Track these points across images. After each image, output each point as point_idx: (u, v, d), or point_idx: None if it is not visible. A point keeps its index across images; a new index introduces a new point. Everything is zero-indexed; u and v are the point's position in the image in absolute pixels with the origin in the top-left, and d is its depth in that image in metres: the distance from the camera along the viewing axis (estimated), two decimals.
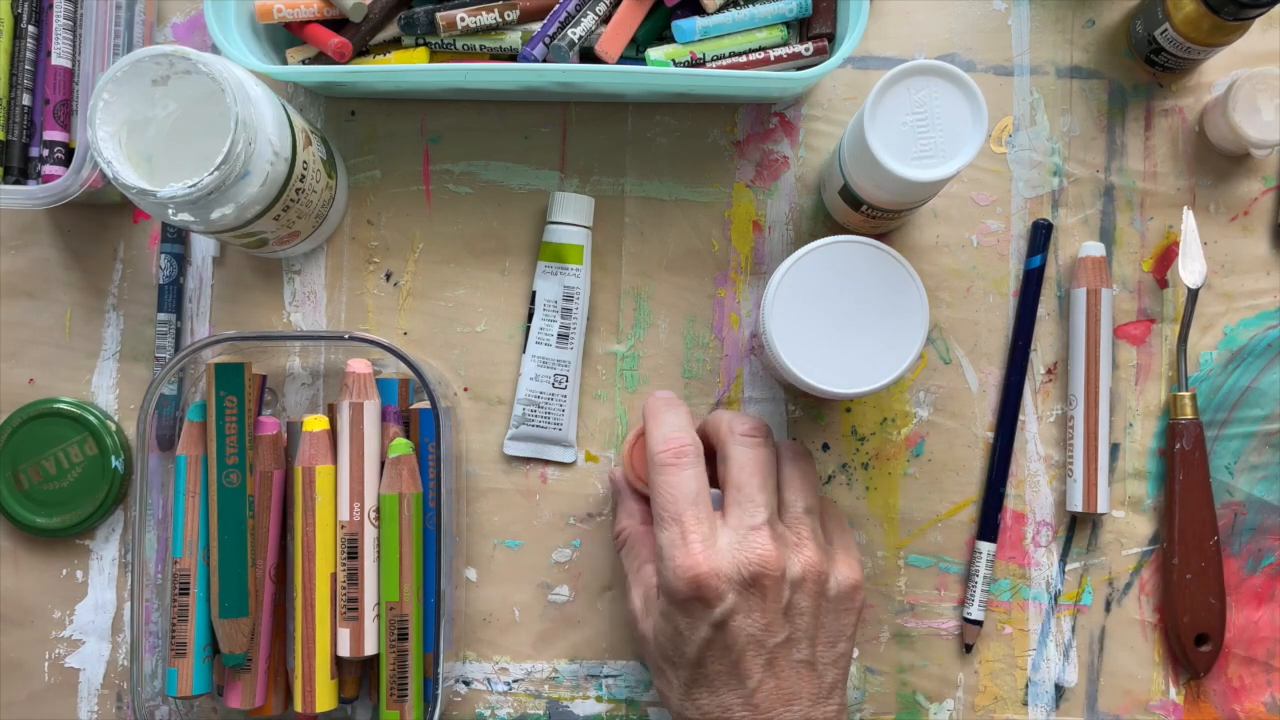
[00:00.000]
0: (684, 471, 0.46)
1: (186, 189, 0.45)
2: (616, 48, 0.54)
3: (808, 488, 0.49)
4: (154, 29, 0.59)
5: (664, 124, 0.59)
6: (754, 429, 0.49)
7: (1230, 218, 0.59)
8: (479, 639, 0.58)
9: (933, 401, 0.58)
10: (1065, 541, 0.58)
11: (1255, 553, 0.58)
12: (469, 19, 0.54)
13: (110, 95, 0.46)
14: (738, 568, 0.45)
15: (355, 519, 0.52)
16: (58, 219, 0.59)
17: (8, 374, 0.58)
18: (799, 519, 0.48)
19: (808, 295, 0.49)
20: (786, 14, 0.56)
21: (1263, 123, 0.55)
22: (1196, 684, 0.57)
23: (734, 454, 0.48)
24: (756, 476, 0.47)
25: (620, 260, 0.59)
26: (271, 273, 0.59)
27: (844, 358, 0.49)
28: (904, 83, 0.47)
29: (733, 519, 0.46)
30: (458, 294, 0.59)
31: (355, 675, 0.55)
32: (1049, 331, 0.58)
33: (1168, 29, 0.54)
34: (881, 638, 0.58)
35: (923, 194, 0.50)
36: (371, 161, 0.59)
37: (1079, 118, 0.59)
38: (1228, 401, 0.58)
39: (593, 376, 0.58)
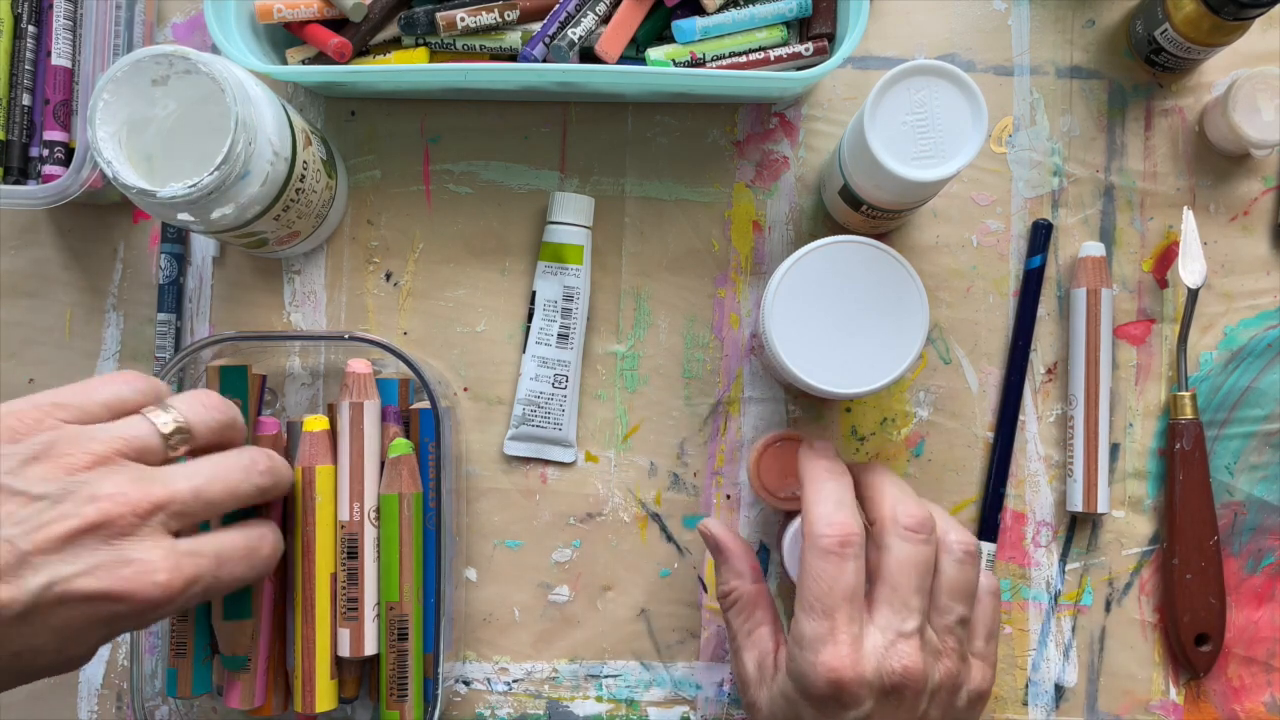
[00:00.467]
0: (846, 565, 0.43)
1: (186, 189, 0.45)
2: (616, 48, 0.54)
3: (967, 595, 0.45)
4: (154, 29, 0.59)
5: (664, 124, 0.59)
6: (920, 524, 0.45)
7: (1230, 218, 0.59)
8: (479, 639, 0.58)
9: (933, 401, 0.58)
10: (1065, 541, 0.58)
11: (1255, 553, 0.58)
12: (469, 19, 0.54)
13: (110, 95, 0.46)
14: (881, 676, 0.42)
15: (355, 519, 0.52)
16: (58, 219, 0.59)
17: (8, 374, 0.58)
18: (950, 630, 0.45)
19: (808, 295, 0.49)
20: (786, 14, 0.56)
21: (1263, 123, 0.55)
22: (1196, 684, 0.57)
23: (894, 548, 0.44)
24: (914, 578, 0.44)
25: (620, 260, 0.59)
26: (271, 273, 0.59)
27: (844, 358, 0.49)
28: (904, 83, 0.47)
29: (882, 618, 0.43)
30: (458, 294, 0.59)
31: (355, 675, 0.55)
32: (1049, 331, 0.58)
33: (1168, 29, 0.54)
34: None
35: (923, 194, 0.50)
36: (371, 161, 0.59)
37: (1079, 118, 0.59)
38: (1228, 401, 0.58)
39: (593, 376, 0.58)
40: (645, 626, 0.58)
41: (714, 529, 0.51)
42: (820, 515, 0.44)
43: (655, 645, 0.58)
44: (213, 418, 0.44)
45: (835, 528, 0.43)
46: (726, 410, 0.58)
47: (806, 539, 0.44)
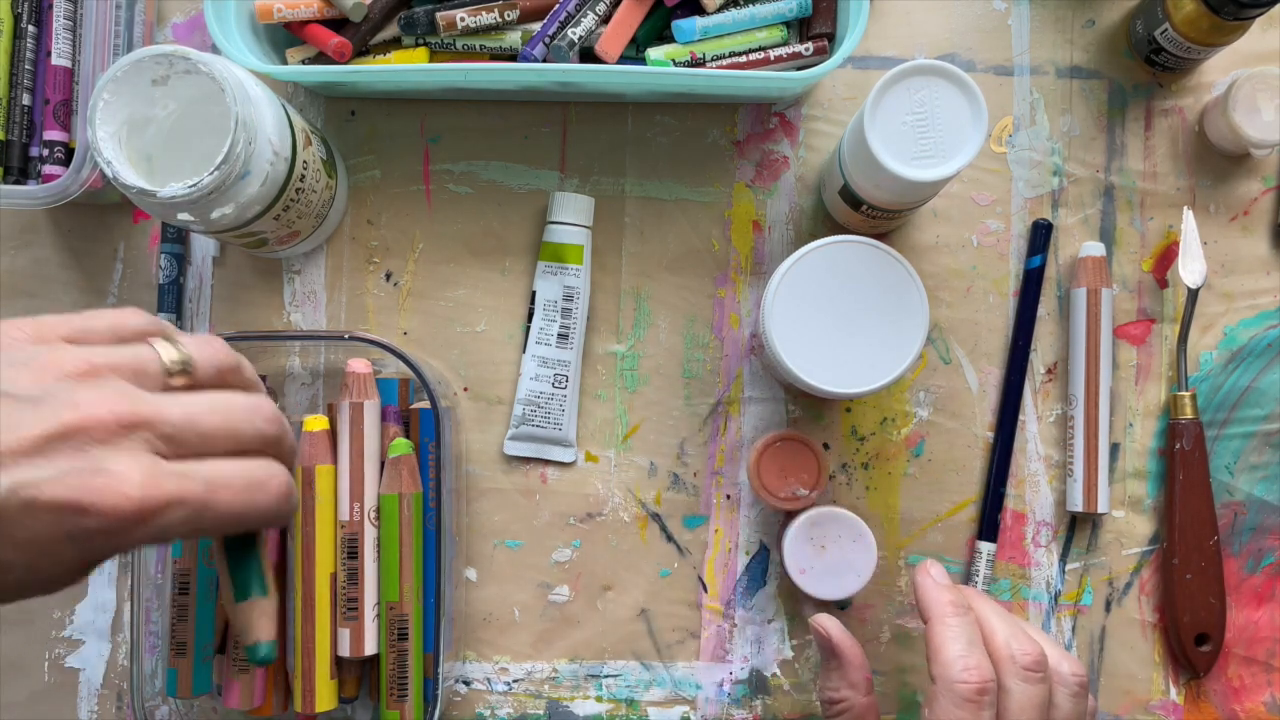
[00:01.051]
0: (983, 714, 0.42)
1: (187, 189, 0.45)
2: (616, 48, 0.54)
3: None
4: (154, 29, 0.59)
5: (664, 124, 0.59)
6: (1037, 662, 0.44)
7: (1230, 218, 0.59)
8: (479, 639, 0.58)
9: (933, 401, 0.58)
10: (1065, 541, 0.58)
11: (1255, 552, 0.58)
12: (469, 19, 0.54)
13: (110, 95, 0.46)
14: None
15: (355, 519, 0.52)
16: (58, 219, 0.59)
17: None
18: None
19: (808, 295, 0.49)
20: (786, 14, 0.56)
21: (1263, 123, 0.55)
22: (1196, 684, 0.57)
23: (1015, 690, 0.44)
24: (1037, 718, 0.44)
25: (620, 260, 0.59)
26: (271, 273, 0.59)
27: (844, 358, 0.49)
28: (904, 83, 0.47)
29: None
30: (458, 294, 0.59)
31: (355, 675, 0.55)
32: (1049, 331, 0.58)
33: (1168, 29, 0.54)
34: (882, 638, 0.58)
35: (923, 194, 0.50)
36: (371, 161, 0.59)
37: (1079, 118, 0.59)
38: (1228, 401, 0.58)
39: (593, 376, 0.58)
40: (645, 626, 0.58)
41: (831, 629, 0.49)
42: (954, 657, 0.43)
43: (655, 645, 0.58)
44: (219, 358, 0.40)
45: (973, 674, 0.42)
46: (726, 410, 0.58)
47: (939, 681, 0.43)
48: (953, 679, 0.43)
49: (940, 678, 0.43)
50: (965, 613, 0.45)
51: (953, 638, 0.44)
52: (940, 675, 0.43)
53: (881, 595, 0.58)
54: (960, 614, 0.45)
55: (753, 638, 0.58)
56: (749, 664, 0.58)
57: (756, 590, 0.58)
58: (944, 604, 0.45)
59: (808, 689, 0.57)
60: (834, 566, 0.53)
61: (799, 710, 0.58)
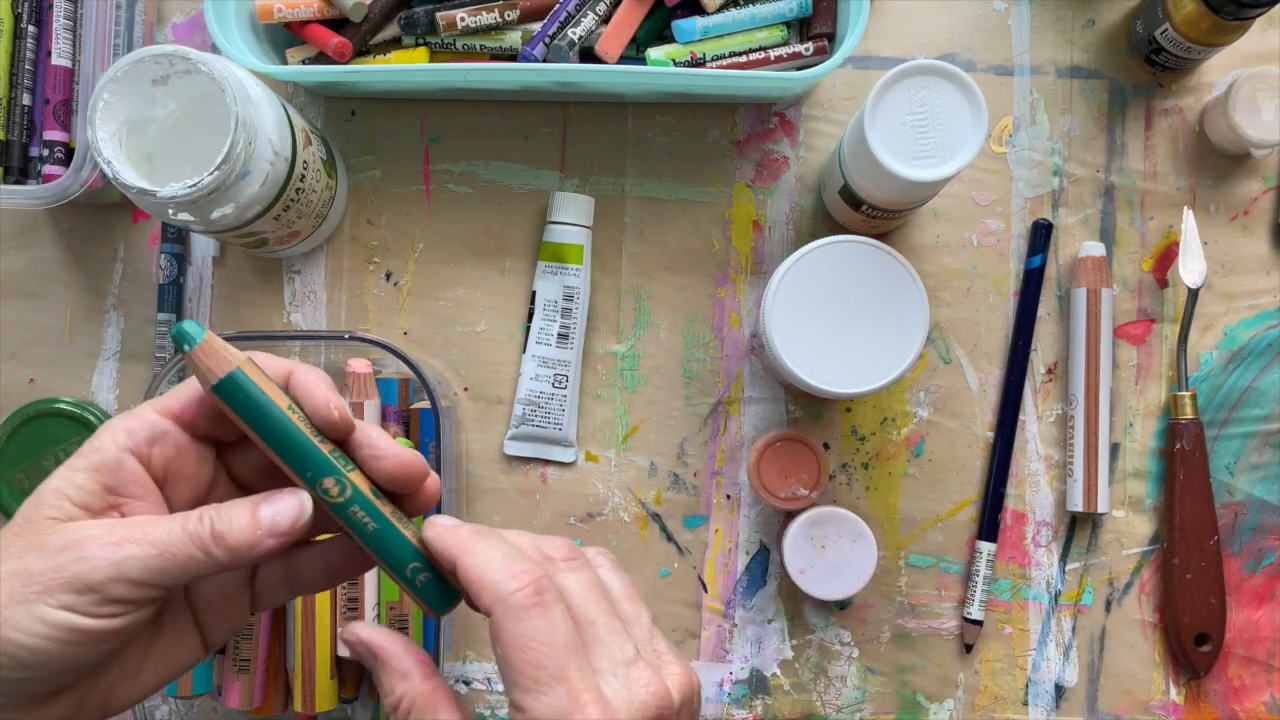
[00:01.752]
0: (553, 611, 0.34)
1: (187, 189, 0.45)
2: (616, 48, 0.54)
3: (637, 597, 0.39)
4: (154, 29, 0.59)
5: (664, 124, 0.59)
6: (571, 549, 0.38)
7: (1230, 217, 0.59)
8: (479, 639, 0.58)
9: (933, 401, 0.58)
10: (1065, 541, 0.58)
11: (1255, 552, 0.58)
12: (469, 19, 0.54)
13: (110, 95, 0.46)
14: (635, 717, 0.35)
15: None
16: (58, 219, 0.59)
17: (8, 374, 0.58)
18: (650, 634, 0.38)
19: (808, 295, 0.49)
20: (786, 14, 0.56)
21: (1263, 122, 0.55)
22: (1197, 684, 0.57)
23: (569, 583, 0.37)
24: (601, 603, 0.37)
25: (620, 260, 0.59)
26: (271, 273, 0.59)
27: (844, 357, 0.49)
28: (904, 83, 0.47)
29: (601, 660, 0.36)
30: (458, 294, 0.59)
31: (355, 675, 0.55)
32: (1049, 331, 0.58)
33: (1168, 29, 0.54)
34: (882, 638, 0.58)
35: (923, 194, 0.50)
36: (371, 161, 0.59)
37: (1079, 118, 0.59)
38: (1228, 401, 0.58)
39: (593, 376, 0.58)
40: None
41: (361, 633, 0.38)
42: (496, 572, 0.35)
43: None
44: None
45: (520, 576, 0.34)
46: (726, 410, 0.58)
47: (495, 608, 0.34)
48: (504, 593, 0.34)
49: (494, 602, 0.34)
50: (487, 534, 0.37)
51: (487, 558, 0.35)
52: (492, 600, 0.34)
53: (881, 595, 0.58)
54: (484, 536, 0.36)
55: (753, 638, 0.58)
56: (749, 664, 0.58)
57: (756, 590, 0.58)
58: (464, 535, 0.36)
59: (808, 689, 0.57)
60: (834, 566, 0.53)
61: (799, 710, 0.58)
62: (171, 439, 0.34)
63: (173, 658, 0.35)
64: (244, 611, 0.37)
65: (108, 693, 0.34)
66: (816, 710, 0.57)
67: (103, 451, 0.33)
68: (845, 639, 0.58)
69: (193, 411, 0.35)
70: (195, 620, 0.36)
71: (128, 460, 0.33)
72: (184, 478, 0.35)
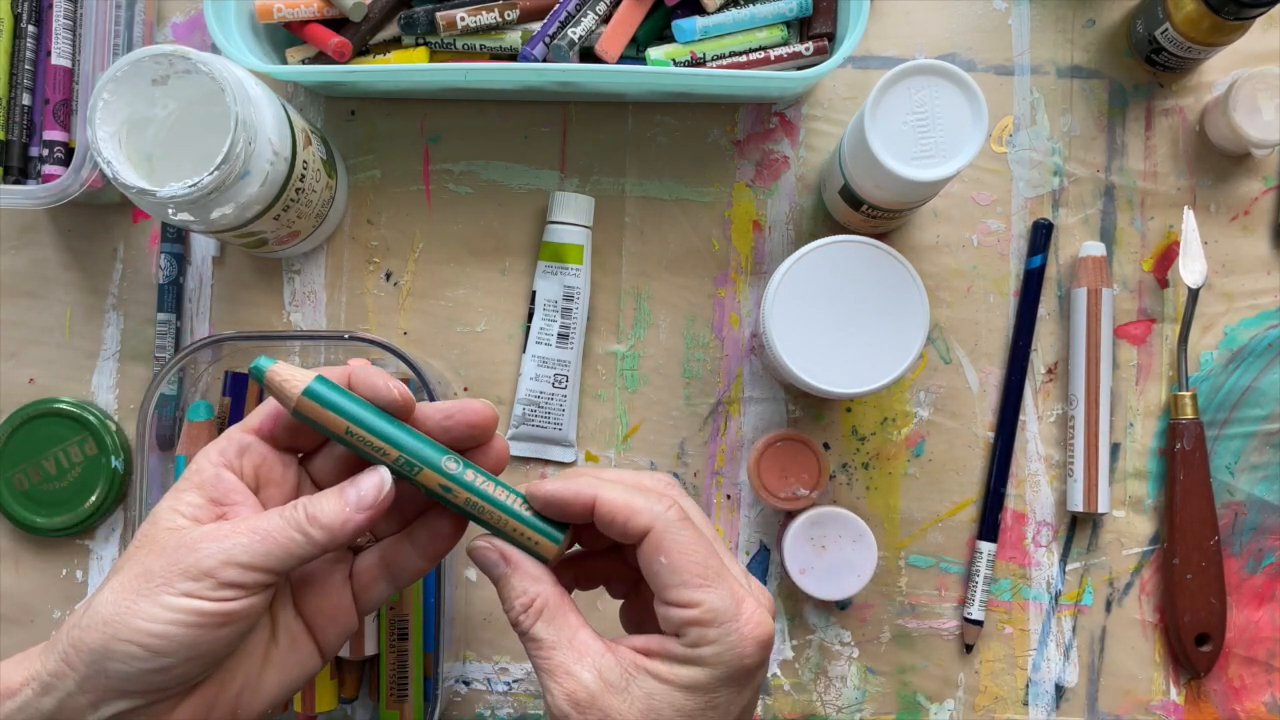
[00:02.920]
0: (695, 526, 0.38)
1: (186, 189, 0.45)
2: (616, 47, 0.54)
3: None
4: (154, 29, 0.59)
5: (664, 124, 0.59)
6: (669, 482, 0.41)
7: (1230, 217, 0.59)
8: (479, 639, 0.58)
9: (933, 401, 0.58)
10: (1066, 541, 0.58)
11: (1256, 552, 0.58)
12: (469, 19, 0.54)
13: (110, 95, 0.46)
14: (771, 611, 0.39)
15: None
16: (58, 219, 0.59)
17: (8, 374, 0.58)
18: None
19: (808, 295, 0.49)
20: (787, 14, 0.56)
21: (1263, 122, 0.55)
22: (1197, 684, 0.57)
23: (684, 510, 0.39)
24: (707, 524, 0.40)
25: (620, 260, 0.59)
26: (271, 273, 0.59)
27: (844, 357, 0.49)
28: (904, 82, 0.47)
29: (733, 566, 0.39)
30: (458, 294, 0.59)
31: (355, 675, 0.55)
32: (1049, 331, 0.58)
33: (1168, 28, 0.54)
34: (882, 638, 0.58)
35: (923, 194, 0.50)
36: (371, 161, 0.59)
37: (1079, 117, 0.59)
38: (1228, 401, 0.58)
39: (593, 376, 0.58)
40: None
41: (497, 543, 0.40)
42: (641, 499, 0.38)
43: None
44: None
45: (664, 498, 0.38)
46: (726, 410, 0.58)
47: (654, 523, 0.37)
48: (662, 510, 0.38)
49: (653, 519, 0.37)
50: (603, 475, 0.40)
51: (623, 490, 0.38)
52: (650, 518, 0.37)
53: (881, 595, 0.58)
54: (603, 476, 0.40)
55: None
56: None
57: None
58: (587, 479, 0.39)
59: (808, 689, 0.57)
60: (834, 566, 0.53)
61: (799, 710, 0.57)
62: (256, 450, 0.38)
63: (291, 666, 0.38)
64: (351, 615, 0.40)
65: (235, 701, 0.37)
66: (816, 710, 0.57)
67: (202, 471, 0.37)
68: (845, 639, 0.58)
69: (270, 425, 0.39)
70: (308, 629, 0.39)
71: (224, 474, 0.37)
72: (273, 483, 0.39)
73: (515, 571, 0.39)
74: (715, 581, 0.37)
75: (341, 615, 0.40)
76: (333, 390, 0.38)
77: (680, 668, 0.37)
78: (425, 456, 0.38)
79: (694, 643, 0.37)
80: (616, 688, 0.37)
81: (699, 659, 0.37)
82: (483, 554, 0.39)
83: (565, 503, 0.39)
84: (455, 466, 0.38)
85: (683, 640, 0.37)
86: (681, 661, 0.37)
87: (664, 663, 0.37)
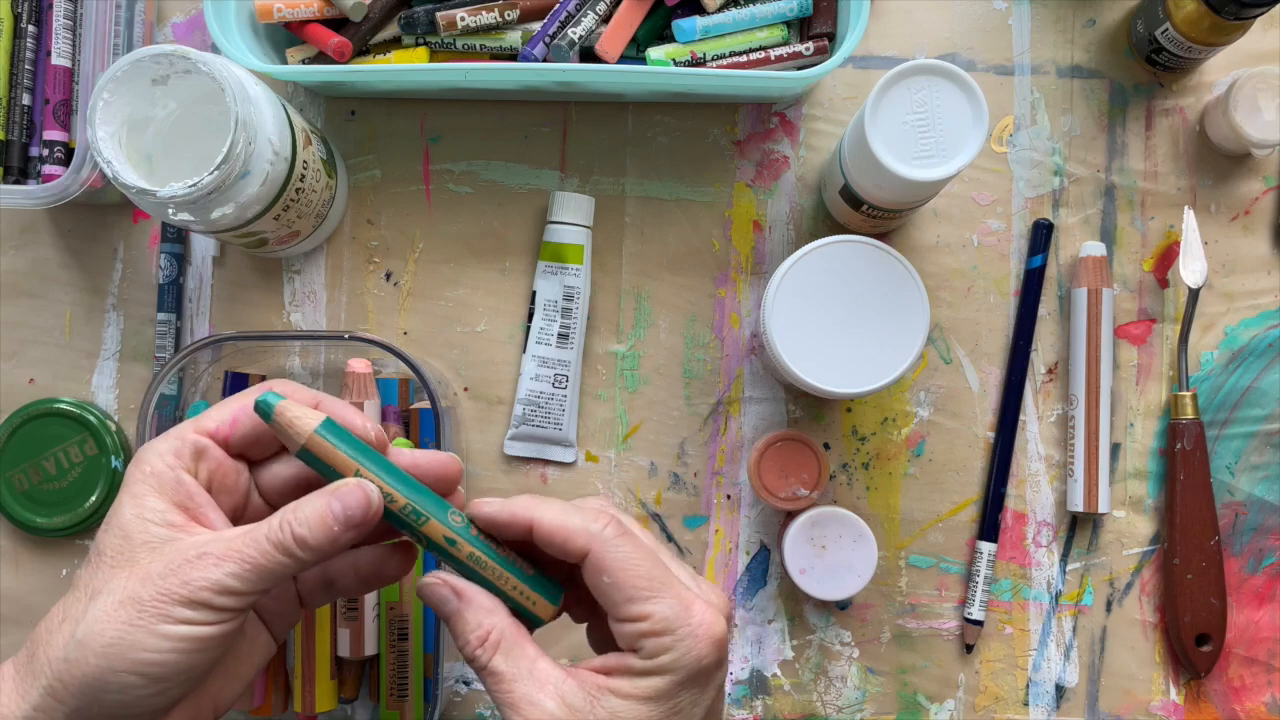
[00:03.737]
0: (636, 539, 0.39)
1: (186, 189, 0.45)
2: (617, 47, 0.54)
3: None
4: (154, 29, 0.59)
5: (664, 124, 0.59)
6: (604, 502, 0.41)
7: (1231, 217, 0.59)
8: None
9: (933, 401, 0.58)
10: (1066, 541, 0.58)
11: (1256, 553, 0.58)
12: (469, 18, 0.54)
13: (110, 95, 0.46)
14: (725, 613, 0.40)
15: None
16: (58, 219, 0.59)
17: (8, 374, 0.58)
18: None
19: (808, 295, 0.49)
20: (787, 13, 0.56)
21: (1263, 122, 0.55)
22: (1197, 684, 0.57)
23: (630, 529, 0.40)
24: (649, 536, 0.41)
25: (620, 260, 0.59)
26: (271, 273, 0.59)
27: (844, 357, 0.49)
28: (904, 82, 0.47)
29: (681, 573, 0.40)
30: (458, 294, 0.59)
31: (355, 675, 0.55)
32: (1050, 331, 0.58)
33: (1168, 28, 0.54)
34: (882, 638, 0.57)
35: (923, 194, 0.50)
36: (371, 161, 0.59)
37: (1080, 117, 0.59)
38: (1229, 401, 0.58)
39: (593, 376, 0.58)
40: None
41: (441, 576, 0.40)
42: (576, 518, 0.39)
43: None
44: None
45: (600, 516, 0.39)
46: (727, 410, 0.58)
47: (591, 543, 0.38)
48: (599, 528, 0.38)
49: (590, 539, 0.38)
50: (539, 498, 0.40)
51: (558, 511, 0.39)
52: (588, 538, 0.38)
53: (882, 595, 0.58)
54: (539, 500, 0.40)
55: (753, 638, 0.58)
56: (749, 664, 0.58)
57: (757, 590, 0.58)
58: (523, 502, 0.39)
59: (808, 689, 0.57)
60: (834, 566, 0.53)
61: (799, 711, 0.57)
62: (213, 455, 0.38)
63: (255, 655, 0.40)
64: (298, 610, 0.42)
65: (216, 695, 0.38)
66: (817, 711, 0.57)
67: (160, 475, 0.37)
68: (845, 639, 0.58)
69: (226, 432, 0.39)
70: (262, 620, 0.40)
71: (184, 477, 0.37)
72: (225, 489, 0.39)
73: (468, 606, 0.39)
74: (661, 590, 0.37)
75: (291, 611, 0.41)
76: (340, 434, 0.38)
77: (641, 680, 0.37)
78: (431, 509, 0.38)
79: (651, 653, 0.37)
80: (581, 711, 0.37)
81: (658, 668, 0.37)
82: (433, 590, 0.39)
83: (504, 524, 0.39)
84: (459, 521, 0.39)
85: (640, 654, 0.37)
86: (641, 674, 0.37)
87: (625, 678, 0.37)
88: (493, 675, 0.38)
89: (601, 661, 0.39)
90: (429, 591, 0.39)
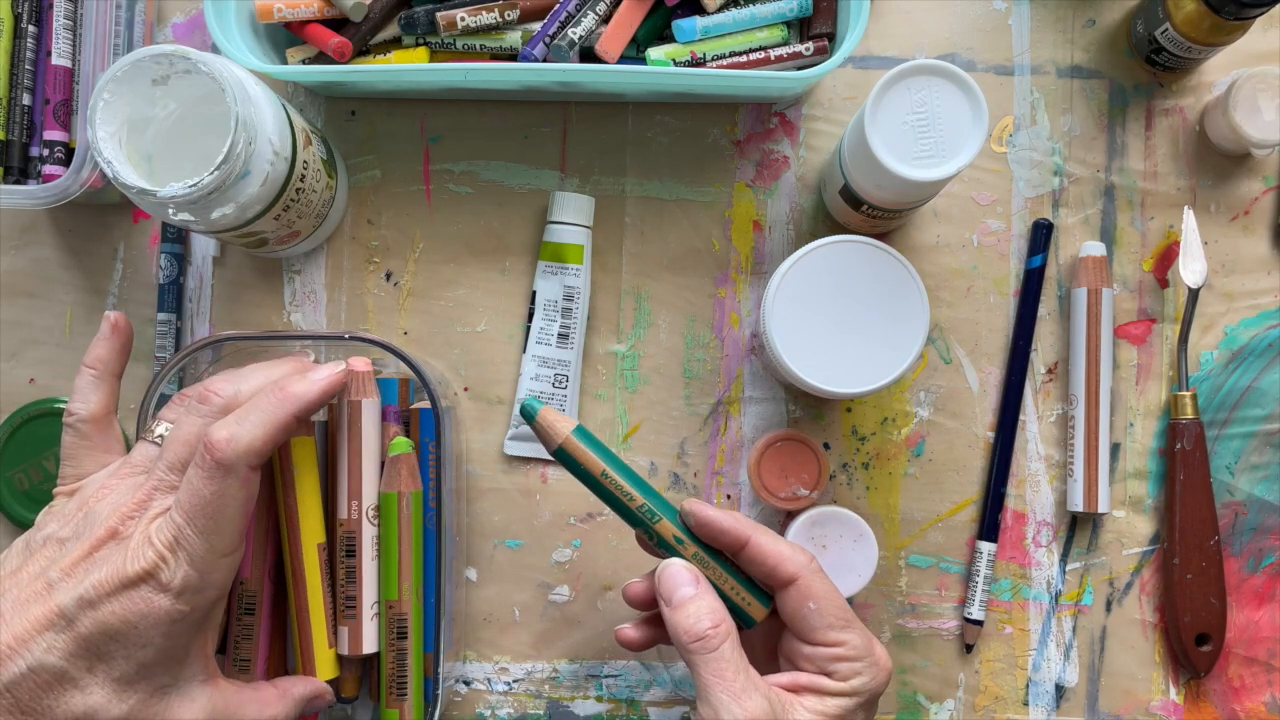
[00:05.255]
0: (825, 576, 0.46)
1: (187, 189, 0.45)
2: (617, 47, 0.54)
3: None
4: (154, 29, 0.59)
5: (664, 124, 0.59)
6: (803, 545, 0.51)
7: (1231, 217, 0.59)
8: (479, 639, 0.58)
9: (933, 401, 0.58)
10: (1066, 541, 0.58)
11: (1256, 552, 0.58)
12: (469, 19, 0.54)
13: (110, 95, 0.46)
14: None
15: (353, 517, 0.52)
16: (58, 219, 0.59)
17: (8, 374, 0.58)
18: None
19: (808, 295, 0.49)
20: (787, 13, 0.56)
21: (1263, 122, 0.55)
22: (1197, 684, 0.57)
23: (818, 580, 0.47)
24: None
25: (620, 260, 0.59)
26: (271, 273, 0.59)
27: (844, 357, 0.49)
28: (904, 82, 0.47)
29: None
30: (458, 294, 0.59)
31: (355, 675, 0.54)
32: (1049, 331, 0.58)
33: (1168, 28, 0.54)
34: (882, 638, 0.58)
35: (923, 194, 0.50)
36: (371, 161, 0.59)
37: (1079, 117, 0.59)
38: (1228, 401, 0.58)
39: (593, 376, 0.58)
40: None
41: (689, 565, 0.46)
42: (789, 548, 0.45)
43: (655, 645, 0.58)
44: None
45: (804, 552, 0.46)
46: (727, 410, 0.58)
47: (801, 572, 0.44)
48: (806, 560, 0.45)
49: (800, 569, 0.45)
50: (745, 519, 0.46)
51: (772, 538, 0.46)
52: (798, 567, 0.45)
53: (882, 595, 0.58)
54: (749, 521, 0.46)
55: None
56: None
57: None
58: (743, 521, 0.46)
59: None
60: (834, 566, 0.53)
61: None
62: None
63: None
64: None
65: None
66: None
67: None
68: None
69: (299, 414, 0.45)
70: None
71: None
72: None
73: (705, 594, 0.45)
74: (853, 624, 0.45)
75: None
76: (590, 440, 0.46)
77: (830, 700, 0.43)
78: (665, 510, 0.46)
79: (844, 676, 0.44)
80: (778, 717, 0.42)
81: (849, 690, 0.43)
82: (678, 572, 0.45)
83: (721, 530, 0.45)
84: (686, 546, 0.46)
85: (834, 675, 0.44)
86: (832, 694, 0.43)
87: (814, 696, 0.43)
88: (718, 660, 0.42)
89: (791, 679, 0.44)
90: (673, 571, 0.45)
